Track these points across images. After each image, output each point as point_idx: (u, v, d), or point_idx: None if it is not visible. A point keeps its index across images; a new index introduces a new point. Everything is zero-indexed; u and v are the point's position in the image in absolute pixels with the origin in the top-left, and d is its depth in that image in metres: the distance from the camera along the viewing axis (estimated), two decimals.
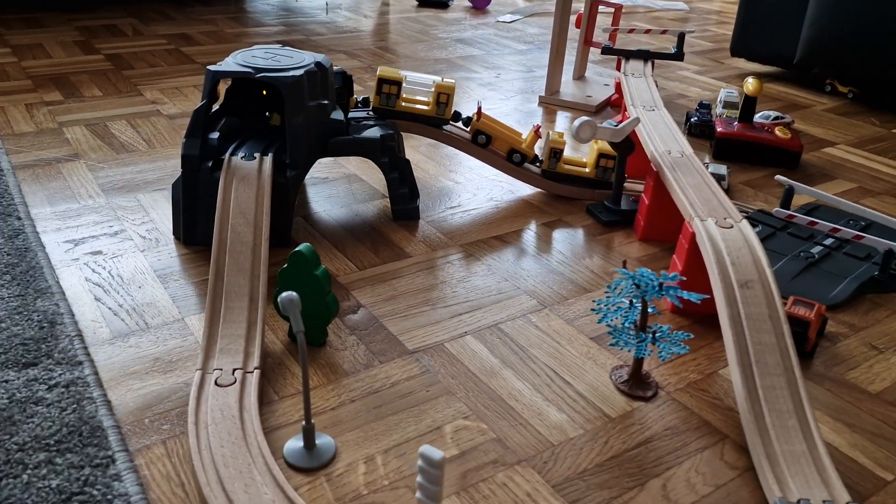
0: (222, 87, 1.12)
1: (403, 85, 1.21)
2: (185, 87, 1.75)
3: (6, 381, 0.76)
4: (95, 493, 0.63)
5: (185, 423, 0.73)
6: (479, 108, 1.21)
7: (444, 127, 1.23)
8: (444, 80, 1.21)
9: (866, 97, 1.93)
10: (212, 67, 1.03)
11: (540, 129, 1.23)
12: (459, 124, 1.25)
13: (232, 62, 1.05)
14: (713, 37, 2.60)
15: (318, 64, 1.07)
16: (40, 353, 0.80)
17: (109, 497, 0.63)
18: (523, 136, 1.26)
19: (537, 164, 1.26)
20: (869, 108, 1.87)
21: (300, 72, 1.03)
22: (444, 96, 1.20)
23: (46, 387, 0.75)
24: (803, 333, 0.87)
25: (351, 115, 1.20)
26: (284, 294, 0.67)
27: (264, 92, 1.12)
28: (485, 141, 1.22)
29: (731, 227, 0.92)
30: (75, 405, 0.73)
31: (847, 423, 0.79)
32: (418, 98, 1.23)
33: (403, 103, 1.22)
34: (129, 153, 1.37)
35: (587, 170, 1.24)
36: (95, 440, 0.69)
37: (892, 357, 0.90)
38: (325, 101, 1.09)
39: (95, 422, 0.71)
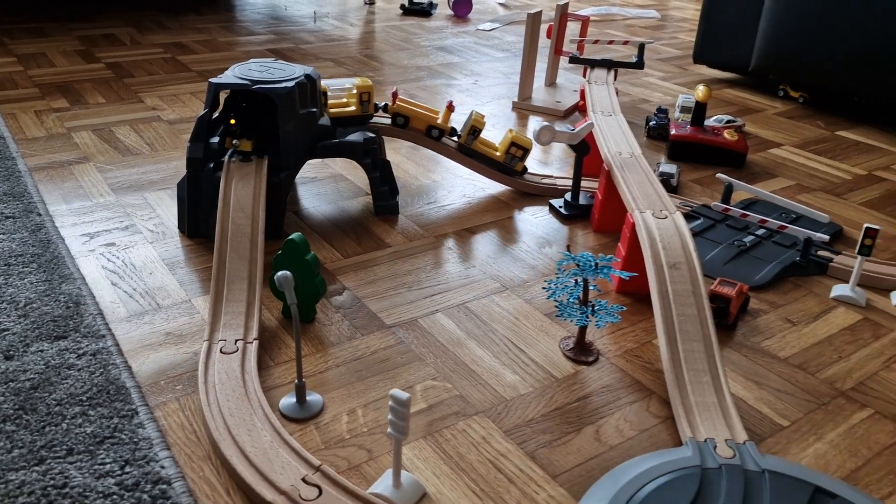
0: (222, 97, 1.25)
1: (329, 93, 1.34)
2: (183, 95, 1.88)
3: (41, 351, 0.89)
4: (124, 437, 0.77)
5: (195, 384, 0.87)
6: (395, 94, 1.35)
7: (371, 121, 1.37)
8: (361, 79, 1.34)
9: (816, 102, 2.09)
10: (213, 80, 1.16)
11: (453, 104, 1.36)
12: (379, 112, 1.38)
13: (231, 75, 1.18)
14: (680, 44, 2.76)
15: (307, 76, 1.20)
16: (68, 328, 0.93)
17: (136, 440, 0.76)
18: (440, 115, 1.39)
19: (456, 138, 1.39)
20: (817, 111, 2.02)
21: (292, 83, 1.16)
22: (365, 94, 1.34)
23: (76, 355, 0.88)
24: (725, 308, 1.01)
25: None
26: (280, 273, 0.80)
27: (244, 104, 1.23)
28: (403, 122, 1.36)
29: (666, 217, 1.06)
30: (102, 369, 0.86)
31: (756, 382, 0.93)
32: (343, 101, 1.36)
33: (332, 109, 1.35)
34: (135, 156, 1.49)
35: (497, 153, 1.38)
36: (121, 397, 0.82)
37: (803, 329, 1.04)
38: (314, 109, 1.22)
39: (120, 382, 0.84)
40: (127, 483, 0.71)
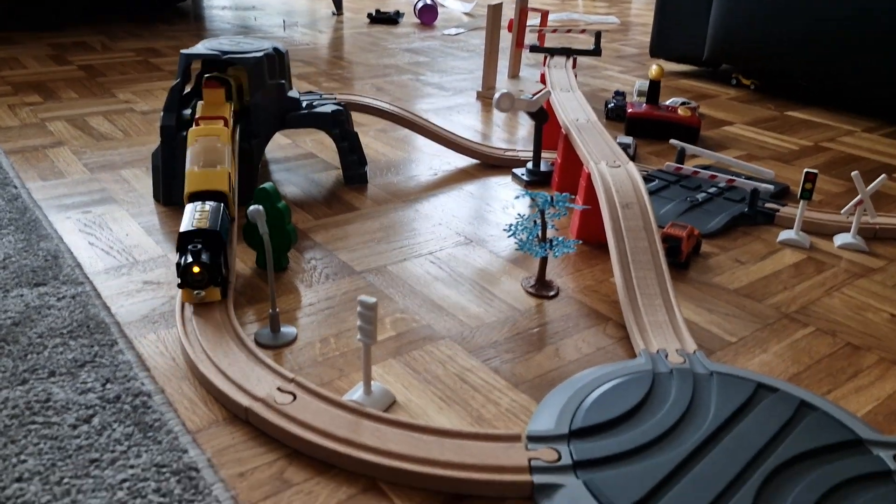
0: (192, 84, 1.30)
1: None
2: (156, 90, 1.92)
3: (21, 296, 0.92)
4: (104, 361, 0.80)
5: (173, 321, 0.90)
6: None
7: None
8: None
9: (766, 88, 2.19)
10: (184, 51, 1.21)
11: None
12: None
13: (202, 47, 1.23)
14: (638, 43, 2.86)
15: (275, 49, 1.26)
16: (48, 276, 0.96)
17: (116, 363, 0.80)
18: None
19: None
20: (769, 96, 2.12)
21: (260, 54, 1.21)
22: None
23: (56, 298, 0.91)
24: (677, 247, 1.07)
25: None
26: (252, 207, 0.85)
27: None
28: None
29: (619, 167, 1.13)
30: (81, 309, 0.89)
31: (707, 309, 0.99)
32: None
33: None
34: (109, 141, 1.53)
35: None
36: (101, 330, 0.85)
37: (751, 267, 1.10)
38: (283, 81, 1.28)
39: (99, 318, 0.88)
40: (109, 397, 0.74)
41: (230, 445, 0.71)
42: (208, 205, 0.94)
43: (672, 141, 1.42)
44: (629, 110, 1.69)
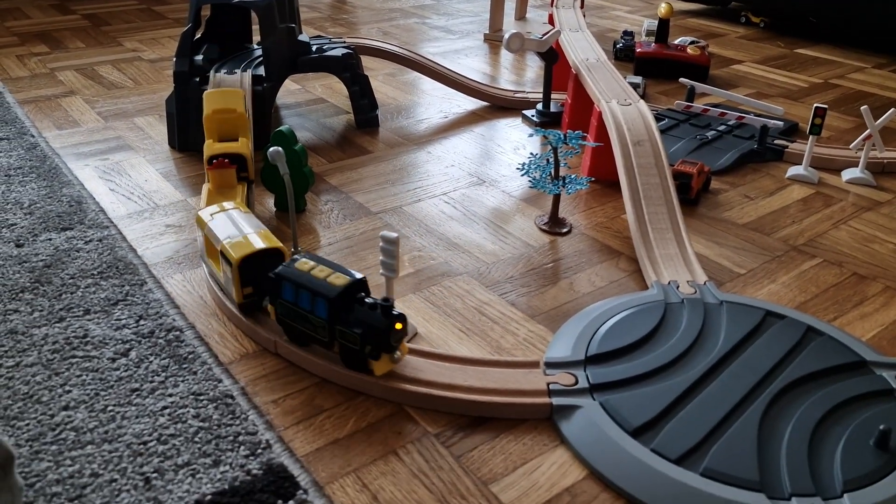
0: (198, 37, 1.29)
1: None
2: (162, 38, 1.91)
3: (49, 240, 0.94)
4: (136, 299, 0.83)
5: (197, 262, 0.93)
6: None
7: None
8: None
9: (776, 25, 2.16)
10: None
11: None
12: None
13: None
14: None
15: None
16: (73, 221, 0.99)
17: (148, 300, 0.83)
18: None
19: None
20: (778, 34, 2.10)
21: None
22: None
23: (83, 241, 0.94)
24: (687, 184, 1.08)
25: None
26: (272, 148, 0.87)
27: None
28: None
29: (630, 105, 1.13)
30: (109, 251, 0.92)
31: (717, 243, 1.01)
32: None
33: None
34: (119, 89, 1.54)
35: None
36: (129, 270, 0.88)
37: (760, 202, 1.12)
38: (293, 25, 1.28)
39: (128, 260, 0.91)
40: (143, 332, 0.78)
41: (262, 375, 0.74)
42: (306, 255, 0.76)
43: (682, 80, 1.42)
44: (638, 50, 1.68)
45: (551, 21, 1.90)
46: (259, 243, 0.78)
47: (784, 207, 1.11)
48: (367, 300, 0.69)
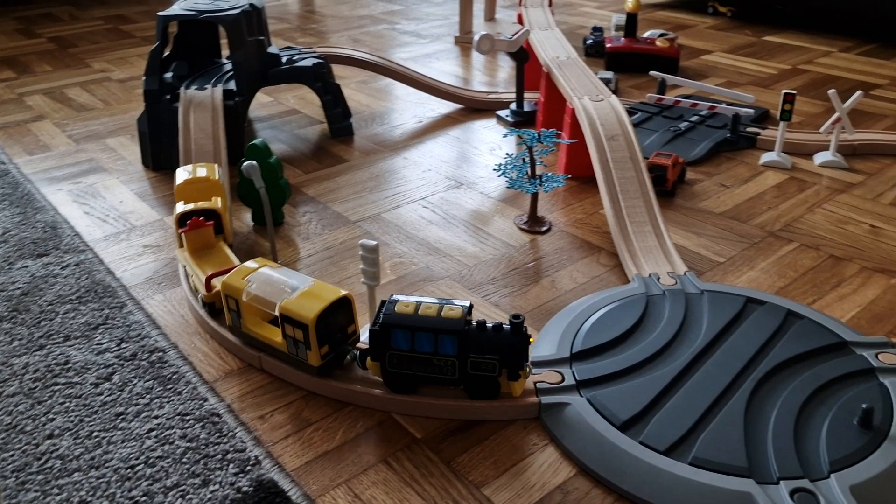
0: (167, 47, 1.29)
1: None
2: (130, 57, 1.90)
3: (26, 267, 0.93)
4: (117, 322, 0.82)
5: (177, 281, 0.92)
6: None
7: None
8: None
9: (743, 14, 2.19)
10: (161, 13, 1.20)
11: None
12: None
13: (178, 7, 1.22)
14: None
15: (251, 5, 1.25)
16: (49, 247, 0.98)
17: (128, 323, 0.82)
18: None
19: None
20: (745, 22, 2.13)
21: (238, 10, 1.21)
22: None
23: (60, 267, 0.93)
24: (663, 176, 1.09)
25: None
26: (246, 163, 0.86)
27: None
28: None
29: (602, 100, 1.14)
30: (87, 275, 0.91)
31: (695, 233, 1.02)
32: None
33: None
34: (90, 111, 1.52)
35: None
36: (108, 294, 0.88)
37: (736, 190, 1.13)
38: (262, 38, 1.27)
39: (106, 283, 0.90)
40: (125, 355, 0.77)
41: (248, 392, 0.74)
42: (399, 297, 0.71)
43: (652, 73, 1.43)
44: (608, 45, 1.70)
45: (520, 21, 1.90)
46: (327, 295, 0.70)
47: (759, 194, 1.12)
48: (487, 324, 0.68)
